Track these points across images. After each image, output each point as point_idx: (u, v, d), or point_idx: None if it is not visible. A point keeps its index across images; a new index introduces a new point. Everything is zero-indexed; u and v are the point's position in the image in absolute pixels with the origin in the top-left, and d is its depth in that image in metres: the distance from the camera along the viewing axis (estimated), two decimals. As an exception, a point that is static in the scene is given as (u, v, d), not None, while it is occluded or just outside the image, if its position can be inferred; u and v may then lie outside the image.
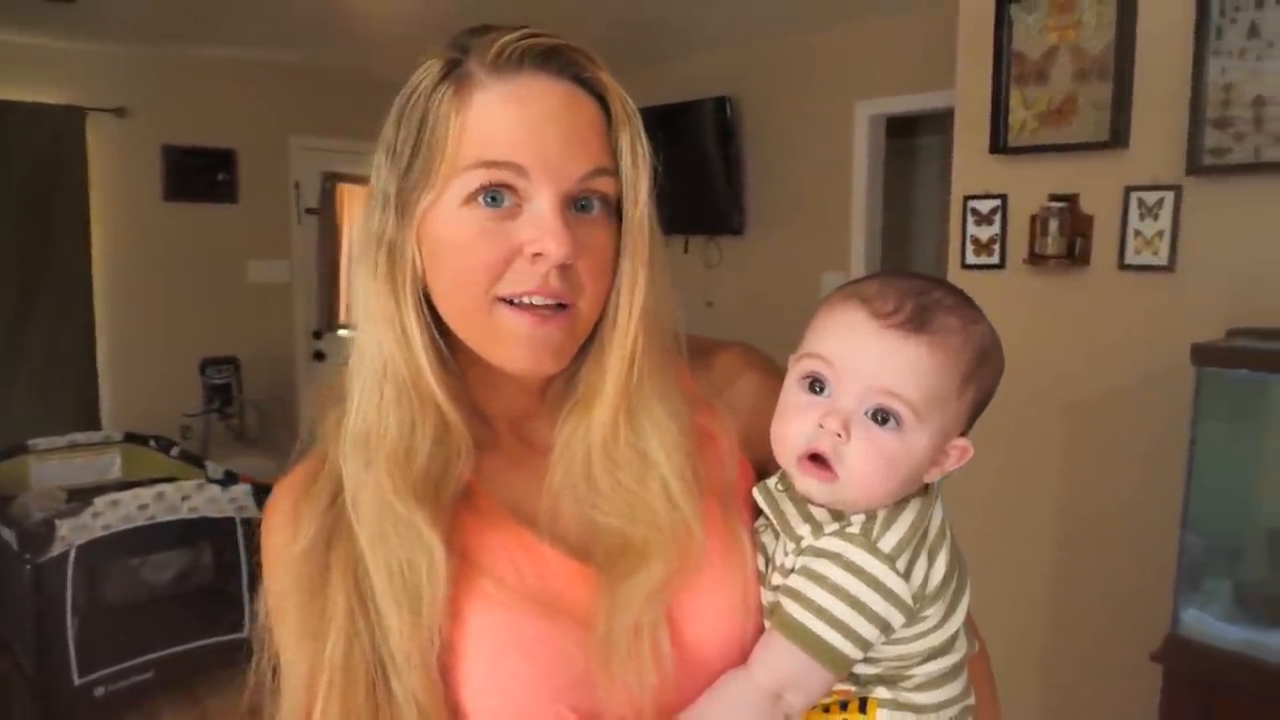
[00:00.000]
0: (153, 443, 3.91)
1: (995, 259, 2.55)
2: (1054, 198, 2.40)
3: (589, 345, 0.73)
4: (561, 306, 0.69)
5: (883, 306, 0.68)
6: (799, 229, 4.50)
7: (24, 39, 4.42)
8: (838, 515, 0.69)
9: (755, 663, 0.68)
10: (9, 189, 4.44)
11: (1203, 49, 2.12)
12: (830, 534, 0.68)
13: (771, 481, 0.73)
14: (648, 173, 0.71)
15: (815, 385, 0.69)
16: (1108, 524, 2.36)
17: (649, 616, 0.68)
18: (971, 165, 2.59)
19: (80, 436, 3.89)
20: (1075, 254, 2.38)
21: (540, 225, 0.66)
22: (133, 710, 3.00)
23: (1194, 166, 2.15)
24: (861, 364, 0.67)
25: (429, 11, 4.00)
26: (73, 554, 2.86)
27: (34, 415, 4.40)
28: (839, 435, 0.67)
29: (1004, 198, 2.52)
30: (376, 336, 0.70)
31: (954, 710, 0.72)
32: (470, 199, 0.67)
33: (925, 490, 0.71)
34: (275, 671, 0.73)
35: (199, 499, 3.12)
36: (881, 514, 0.68)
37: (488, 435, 0.76)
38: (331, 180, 5.50)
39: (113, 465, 3.84)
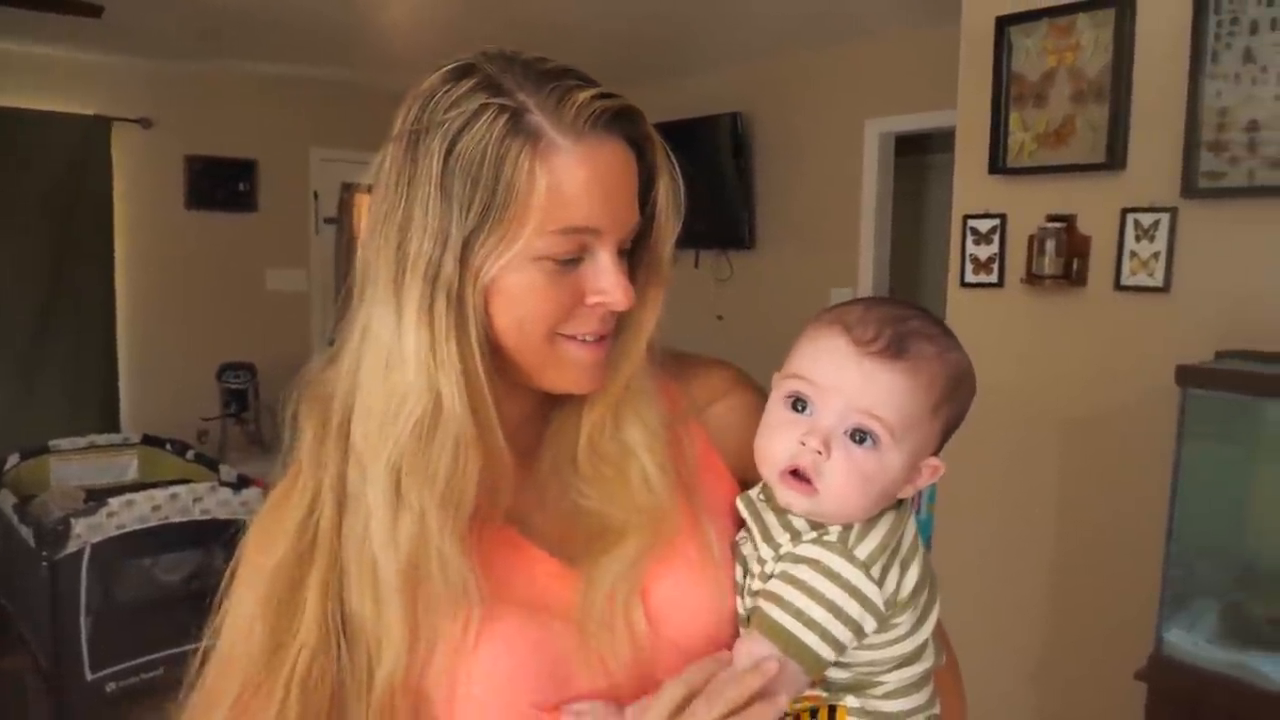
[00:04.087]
0: (169, 445, 3.99)
1: (994, 278, 2.57)
2: (1052, 218, 2.43)
3: None
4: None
5: (863, 334, 0.72)
6: (809, 244, 4.53)
7: (53, 51, 4.54)
8: (816, 525, 0.72)
9: (738, 660, 0.70)
10: (37, 196, 4.56)
11: (1198, 73, 2.14)
12: (809, 541, 0.71)
13: (754, 492, 0.77)
14: (680, 217, 0.77)
15: (798, 404, 0.73)
16: (1101, 542, 2.38)
17: (623, 587, 0.72)
18: (971, 185, 2.62)
19: (99, 438, 3.98)
20: (1073, 274, 2.40)
21: (607, 279, 0.71)
22: (141, 706, 3.06)
23: (1189, 189, 2.17)
24: (842, 387, 0.71)
25: (448, 25, 4.07)
26: (87, 552, 2.93)
27: (57, 417, 4.50)
28: (819, 452, 0.70)
29: (1003, 217, 2.55)
30: (430, 383, 0.69)
31: (920, 718, 0.75)
32: (545, 257, 0.69)
33: (899, 505, 0.75)
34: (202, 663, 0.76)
35: (211, 501, 3.18)
36: (857, 525, 0.71)
37: None
38: (349, 190, 5.59)
39: (130, 467, 3.92)
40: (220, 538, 3.19)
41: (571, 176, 0.68)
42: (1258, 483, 1.88)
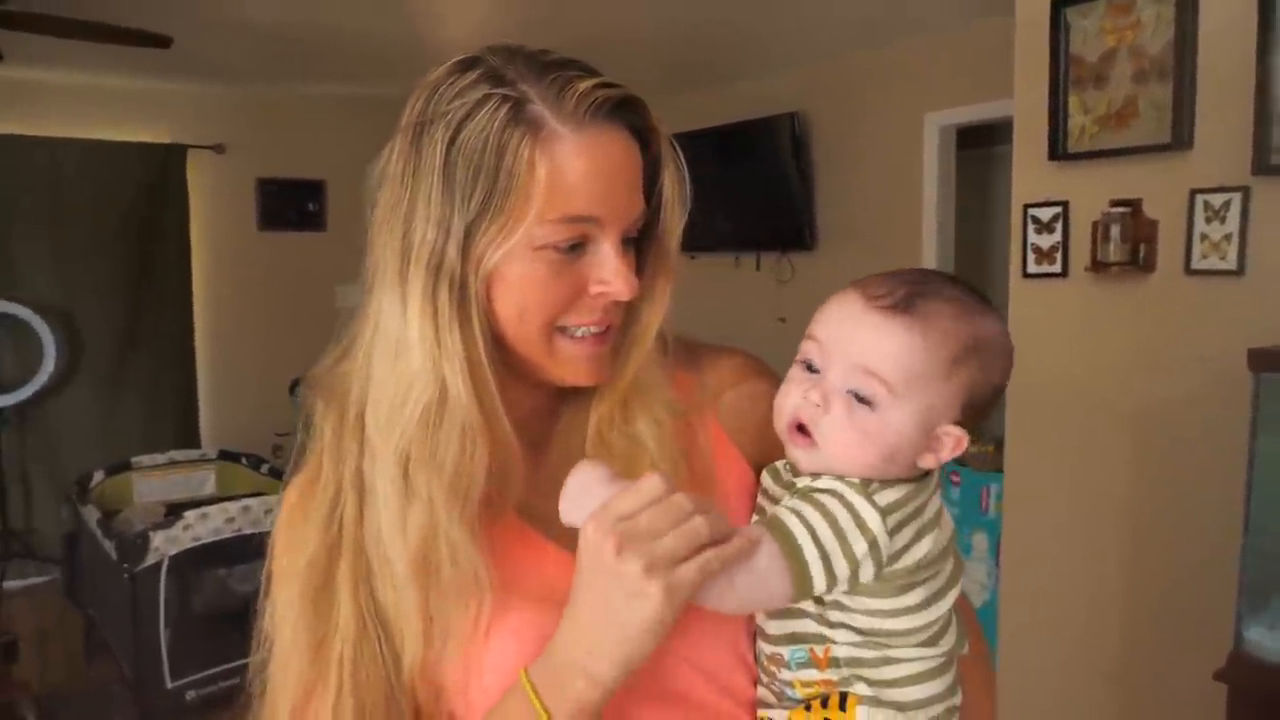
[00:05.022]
0: (244, 460, 4.12)
1: (1057, 267, 2.49)
2: (1116, 203, 2.34)
3: None
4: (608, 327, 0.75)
5: (874, 291, 0.72)
6: (871, 243, 4.45)
7: (127, 83, 4.74)
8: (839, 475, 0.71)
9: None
10: (117, 222, 4.76)
11: (1266, 45, 2.04)
12: (830, 477, 0.70)
13: (780, 463, 0.77)
14: (685, 208, 0.77)
15: (810, 366, 0.74)
16: (1176, 536, 2.27)
17: None
18: (1031, 173, 2.55)
19: (179, 454, 4.13)
20: (1140, 260, 2.31)
21: (609, 269, 0.72)
22: (220, 713, 3.16)
23: (1261, 166, 2.07)
24: (844, 341, 0.72)
25: (506, 39, 4.13)
26: (165, 564, 3.04)
27: (139, 434, 4.68)
28: (818, 406, 0.71)
29: (1065, 205, 2.46)
30: (435, 370, 0.69)
31: (937, 709, 0.73)
32: (547, 246, 0.70)
33: (923, 476, 0.73)
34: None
35: (282, 512, 3.27)
36: (877, 480, 0.70)
37: None
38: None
39: (207, 481, 4.06)
40: (291, 547, 3.27)
41: (571, 165, 0.69)
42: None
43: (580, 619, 0.64)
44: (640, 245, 0.77)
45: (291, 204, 5.25)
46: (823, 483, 0.70)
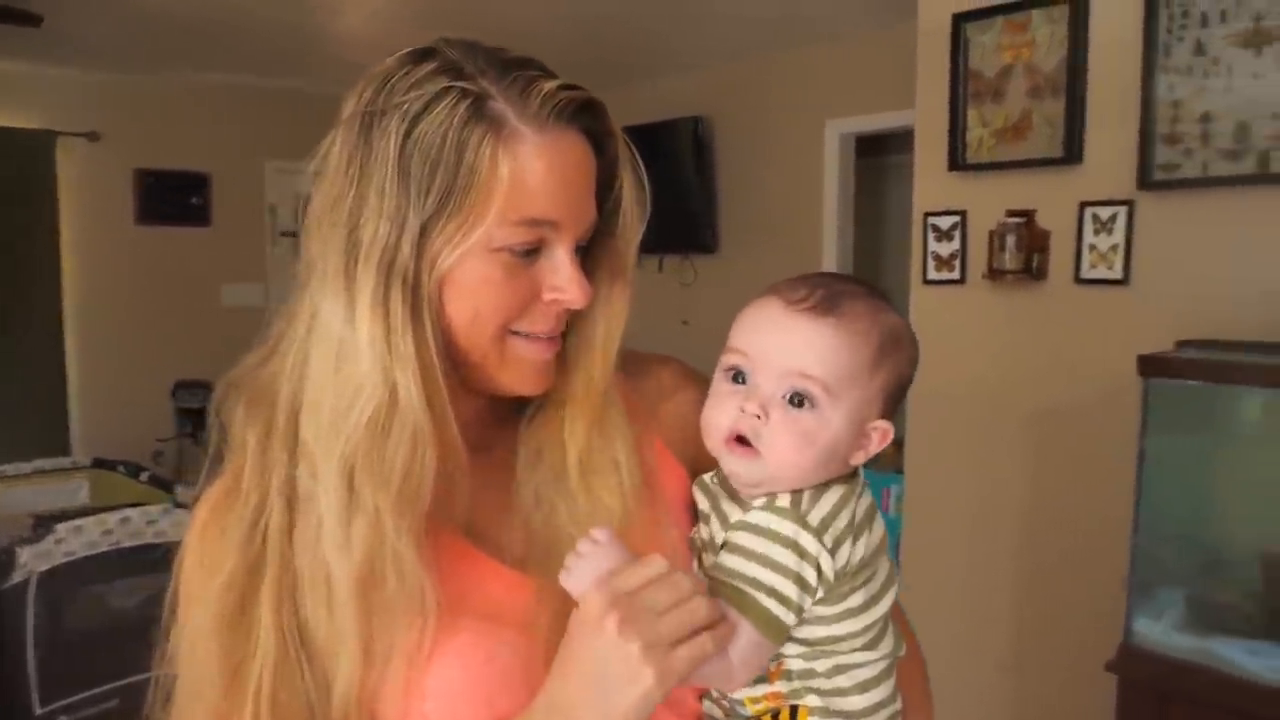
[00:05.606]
0: (122, 468, 3.88)
1: (956, 274, 2.57)
2: (1011, 213, 2.43)
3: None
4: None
5: (793, 294, 0.73)
6: (772, 246, 4.53)
7: (-6, 64, 4.43)
8: (769, 500, 0.71)
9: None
10: (-21, 213, 4.43)
11: (1151, 67, 2.15)
12: (758, 507, 0.70)
13: (708, 476, 0.77)
14: (645, 214, 0.76)
15: (737, 377, 0.73)
16: (1067, 534, 2.38)
17: None
18: (931, 182, 2.62)
19: (47, 462, 3.85)
20: (1033, 269, 2.40)
21: (563, 275, 0.70)
22: (97, 738, 2.97)
23: (1145, 182, 2.18)
24: (774, 348, 0.72)
25: (404, 31, 4.01)
26: (34, 581, 2.83)
27: (3, 441, 4.36)
28: (758, 417, 0.70)
29: (963, 214, 2.55)
30: (385, 374, 0.66)
31: (883, 714, 0.74)
32: (503, 248, 0.67)
33: (853, 475, 0.74)
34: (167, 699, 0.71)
35: (166, 523, 3.09)
36: (808, 491, 0.71)
37: None
38: (308, 203, 5.50)
39: (81, 490, 3.80)
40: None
41: (533, 167, 0.67)
42: (1219, 471, 1.89)
43: (568, 687, 0.62)
44: (590, 252, 0.75)
45: (173, 197, 5.00)
46: (752, 516, 0.70)
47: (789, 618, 0.67)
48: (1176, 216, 2.17)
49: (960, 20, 2.49)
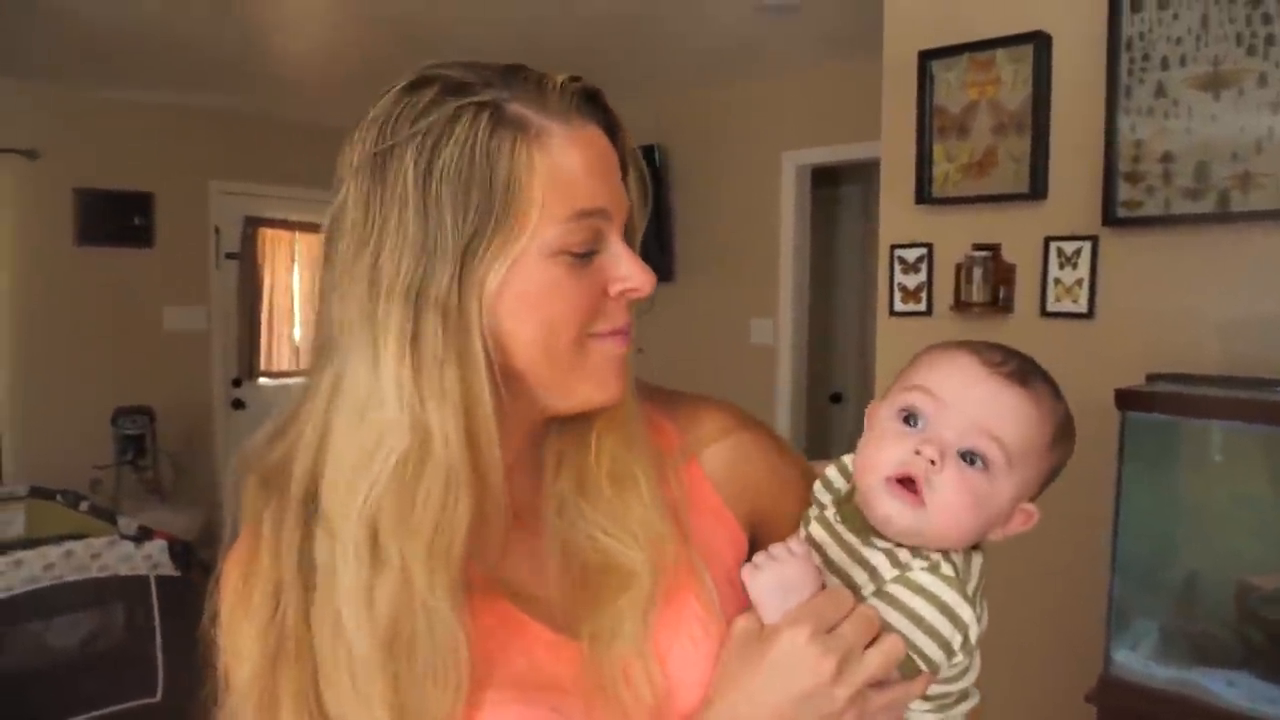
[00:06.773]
0: (60, 497, 3.71)
1: (922, 306, 2.61)
2: (977, 247, 2.48)
3: None
4: None
5: (990, 356, 0.73)
6: (728, 276, 4.55)
7: (-73, 77, 4.25)
8: (914, 550, 0.70)
9: None
10: (-93, 232, 4.23)
11: (1113, 107, 2.22)
12: (923, 569, 0.69)
13: (830, 513, 0.74)
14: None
15: (910, 419, 0.72)
16: (1044, 566, 2.40)
17: (630, 650, 0.66)
18: (898, 215, 2.66)
19: (-21, 492, 3.68)
20: (999, 301, 2.45)
21: (626, 263, 0.68)
22: (33, 786, 2.81)
23: (1109, 218, 2.24)
24: (970, 402, 0.70)
25: (348, 50, 3.97)
26: (-31, 619, 2.69)
27: (-72, 470, 4.16)
28: (933, 463, 0.68)
29: (929, 247, 2.59)
30: (413, 416, 0.62)
31: None
32: (562, 251, 0.64)
33: (977, 547, 0.74)
34: None
35: (110, 556, 2.96)
36: (960, 557, 0.70)
37: None
38: (253, 225, 5.39)
39: (16, 521, 3.62)
40: (122, 596, 2.97)
41: (569, 159, 0.65)
42: (1193, 502, 1.93)
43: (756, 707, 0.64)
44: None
45: (114, 217, 4.83)
46: (918, 578, 0.69)
47: (939, 658, 0.69)
48: (1140, 252, 2.23)
49: (926, 57, 2.55)
